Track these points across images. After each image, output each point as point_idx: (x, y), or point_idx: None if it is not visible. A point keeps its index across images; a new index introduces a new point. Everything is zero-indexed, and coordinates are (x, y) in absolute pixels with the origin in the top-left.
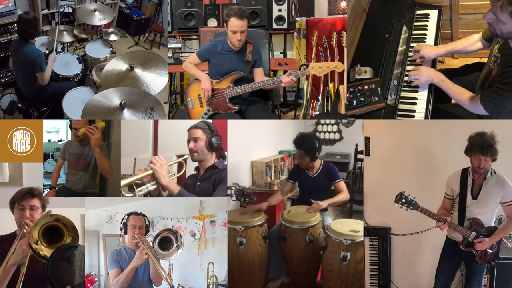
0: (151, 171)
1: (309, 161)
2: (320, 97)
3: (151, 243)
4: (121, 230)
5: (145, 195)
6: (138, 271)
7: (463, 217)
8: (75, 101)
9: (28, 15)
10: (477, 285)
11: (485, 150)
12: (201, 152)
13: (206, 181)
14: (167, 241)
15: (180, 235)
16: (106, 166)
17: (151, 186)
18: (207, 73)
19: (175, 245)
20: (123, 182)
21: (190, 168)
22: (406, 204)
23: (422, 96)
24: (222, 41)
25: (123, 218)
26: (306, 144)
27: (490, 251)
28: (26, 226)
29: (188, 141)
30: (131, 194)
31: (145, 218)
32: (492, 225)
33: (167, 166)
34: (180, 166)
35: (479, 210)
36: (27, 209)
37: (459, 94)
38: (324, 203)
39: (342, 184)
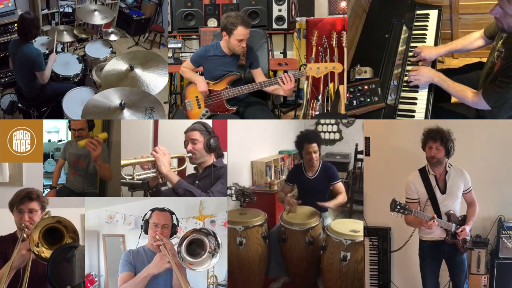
0: (152, 158)
1: (317, 148)
2: (320, 97)
3: (176, 247)
4: (141, 228)
5: (143, 184)
6: (159, 279)
7: (439, 213)
8: (75, 101)
9: (30, 15)
10: (465, 276)
11: (435, 137)
12: (199, 154)
13: (205, 179)
14: (198, 245)
15: (216, 238)
16: (106, 173)
17: (150, 173)
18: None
19: (208, 250)
20: (123, 162)
21: (189, 168)
22: (402, 211)
23: (422, 96)
24: (214, 45)
25: (146, 214)
26: (312, 136)
27: (468, 238)
28: (26, 229)
29: (186, 143)
30: (130, 177)
31: (173, 216)
32: (460, 214)
33: (169, 156)
34: (181, 161)
35: (451, 202)
36: (26, 212)
37: (460, 91)
38: (330, 204)
39: (340, 185)
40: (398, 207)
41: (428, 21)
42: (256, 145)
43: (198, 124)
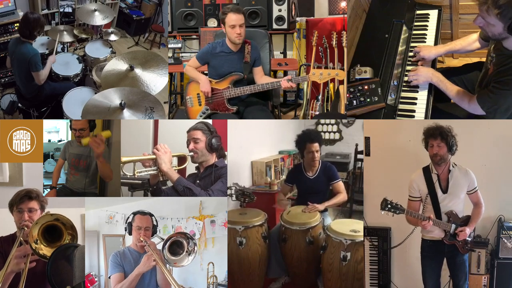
0: (154, 156)
1: (318, 147)
2: (320, 97)
3: (159, 247)
4: (125, 230)
5: (143, 184)
6: (144, 276)
7: (439, 213)
8: (75, 101)
9: (34, 15)
10: (465, 277)
11: (435, 135)
12: (201, 154)
13: (206, 179)
14: (178, 245)
15: (194, 240)
16: (107, 171)
17: (151, 171)
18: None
19: (185, 249)
20: (124, 159)
21: (191, 167)
22: (392, 210)
23: (422, 96)
24: (220, 42)
25: (128, 217)
26: (314, 135)
27: (469, 239)
28: (25, 228)
29: (188, 142)
30: (130, 174)
31: (152, 218)
32: (464, 214)
33: (170, 154)
34: (181, 160)
35: (452, 202)
36: (26, 211)
37: (457, 94)
38: (321, 206)
39: (340, 185)
40: (389, 206)
41: (428, 21)
42: (256, 145)
43: (200, 123)
